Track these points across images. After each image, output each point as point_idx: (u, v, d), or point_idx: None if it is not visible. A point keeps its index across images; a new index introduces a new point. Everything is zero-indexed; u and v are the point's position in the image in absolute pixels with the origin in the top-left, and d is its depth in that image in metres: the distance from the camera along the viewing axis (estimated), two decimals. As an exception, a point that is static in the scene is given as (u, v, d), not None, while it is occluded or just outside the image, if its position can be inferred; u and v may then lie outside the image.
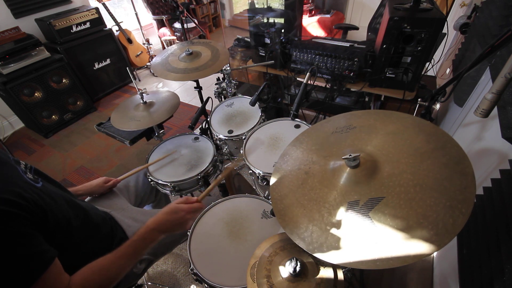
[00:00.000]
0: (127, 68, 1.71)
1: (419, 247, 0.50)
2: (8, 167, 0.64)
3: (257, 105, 1.47)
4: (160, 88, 3.52)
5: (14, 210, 0.54)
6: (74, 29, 2.82)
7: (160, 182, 1.27)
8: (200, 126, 1.57)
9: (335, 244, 0.58)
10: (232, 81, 1.68)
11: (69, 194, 0.84)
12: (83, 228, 0.79)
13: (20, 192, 0.57)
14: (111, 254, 0.69)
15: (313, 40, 1.85)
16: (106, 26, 3.10)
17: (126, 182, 1.26)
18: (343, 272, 0.74)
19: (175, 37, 3.70)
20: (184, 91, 3.40)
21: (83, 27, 2.88)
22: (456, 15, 2.18)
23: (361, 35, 2.47)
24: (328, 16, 3.71)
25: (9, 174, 0.62)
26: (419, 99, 0.97)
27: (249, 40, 2.13)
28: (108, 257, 0.68)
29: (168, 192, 1.32)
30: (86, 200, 1.12)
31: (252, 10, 2.06)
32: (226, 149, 1.53)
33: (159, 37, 3.92)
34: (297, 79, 1.95)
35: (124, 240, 0.92)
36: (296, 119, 1.34)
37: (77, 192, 1.04)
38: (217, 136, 1.47)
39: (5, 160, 0.65)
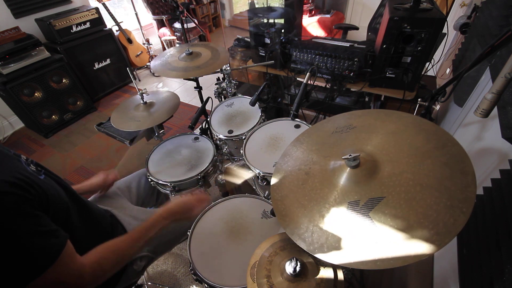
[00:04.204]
0: (127, 68, 1.71)
1: (419, 247, 0.50)
2: (10, 159, 0.65)
3: (257, 105, 1.47)
4: (160, 88, 3.52)
5: (21, 193, 0.56)
6: (74, 29, 2.82)
7: (160, 182, 1.27)
8: (200, 126, 1.57)
9: (335, 244, 0.58)
10: (232, 81, 1.68)
11: (71, 189, 0.84)
12: (83, 224, 0.79)
13: (24, 178, 0.58)
14: (124, 236, 0.75)
15: (313, 40, 1.85)
16: (106, 26, 3.10)
17: (127, 183, 1.27)
18: (343, 272, 0.74)
19: (175, 37, 3.70)
20: (184, 91, 3.40)
21: (83, 27, 2.88)
22: (456, 15, 2.18)
23: (361, 35, 2.47)
24: (328, 16, 3.71)
25: (14, 163, 0.63)
26: (419, 99, 0.97)
27: (249, 40, 2.13)
28: (121, 238, 0.74)
29: (168, 192, 1.32)
30: (89, 199, 1.12)
31: (252, 10, 2.06)
32: (226, 149, 1.53)
33: (159, 37, 3.92)
34: (297, 79, 1.95)
35: None
36: (296, 119, 1.34)
37: (77, 191, 1.03)
38: (217, 136, 1.47)
39: (7, 153, 0.66)
